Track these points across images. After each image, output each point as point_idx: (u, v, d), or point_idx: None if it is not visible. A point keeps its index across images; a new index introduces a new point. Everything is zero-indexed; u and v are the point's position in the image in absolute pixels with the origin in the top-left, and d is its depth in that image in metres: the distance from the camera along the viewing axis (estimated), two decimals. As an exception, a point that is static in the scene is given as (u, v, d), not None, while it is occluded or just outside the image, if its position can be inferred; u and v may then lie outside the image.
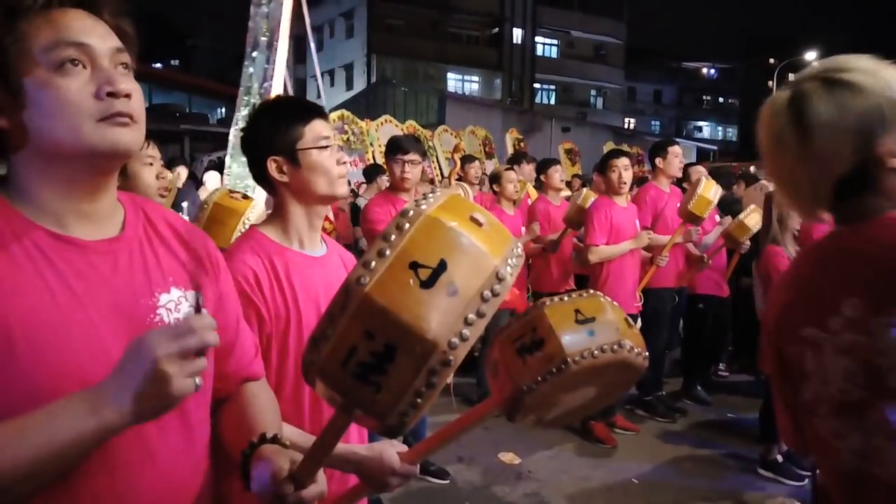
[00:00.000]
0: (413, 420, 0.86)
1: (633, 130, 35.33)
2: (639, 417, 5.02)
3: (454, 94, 28.99)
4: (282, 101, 1.80)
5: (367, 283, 0.81)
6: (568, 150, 16.12)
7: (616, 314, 1.17)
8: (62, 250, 0.99)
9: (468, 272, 0.82)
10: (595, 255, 4.37)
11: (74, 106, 0.96)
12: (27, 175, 1.00)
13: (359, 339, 0.82)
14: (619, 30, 40.49)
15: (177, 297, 1.08)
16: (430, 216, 0.85)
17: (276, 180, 1.64)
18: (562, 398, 1.18)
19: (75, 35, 0.97)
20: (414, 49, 34.04)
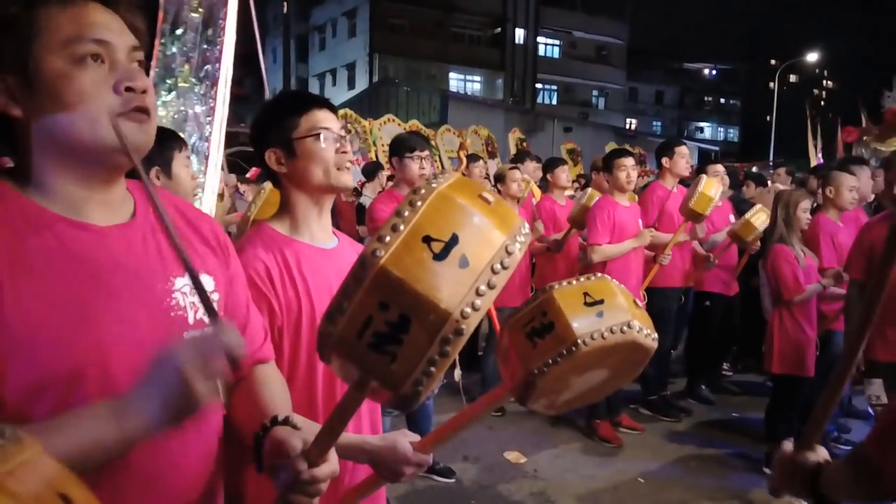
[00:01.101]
0: (427, 390, 0.88)
1: (635, 131, 35.34)
2: (644, 417, 5.02)
3: (456, 94, 29.01)
4: (284, 93, 1.81)
5: (383, 256, 0.83)
6: (570, 151, 16.14)
7: (624, 296, 1.18)
8: (77, 236, 0.99)
9: (479, 245, 0.85)
10: (598, 255, 4.37)
11: (93, 99, 0.97)
12: (40, 165, 1.00)
13: (374, 310, 0.84)
14: (621, 30, 40.49)
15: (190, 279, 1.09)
16: (442, 193, 0.88)
17: (277, 172, 1.65)
18: (573, 381, 1.19)
19: (96, 31, 0.99)
20: (416, 49, 34.05)
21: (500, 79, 36.69)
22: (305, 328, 1.57)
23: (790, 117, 27.35)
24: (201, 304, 1.07)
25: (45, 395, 0.91)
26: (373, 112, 14.89)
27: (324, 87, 36.99)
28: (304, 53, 38.21)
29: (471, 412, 1.33)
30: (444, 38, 35.12)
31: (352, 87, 34.07)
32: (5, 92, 0.97)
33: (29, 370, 0.91)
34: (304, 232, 1.66)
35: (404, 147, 3.69)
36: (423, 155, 3.62)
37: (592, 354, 1.11)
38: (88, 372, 0.94)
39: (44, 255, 0.96)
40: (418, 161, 3.60)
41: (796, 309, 3.94)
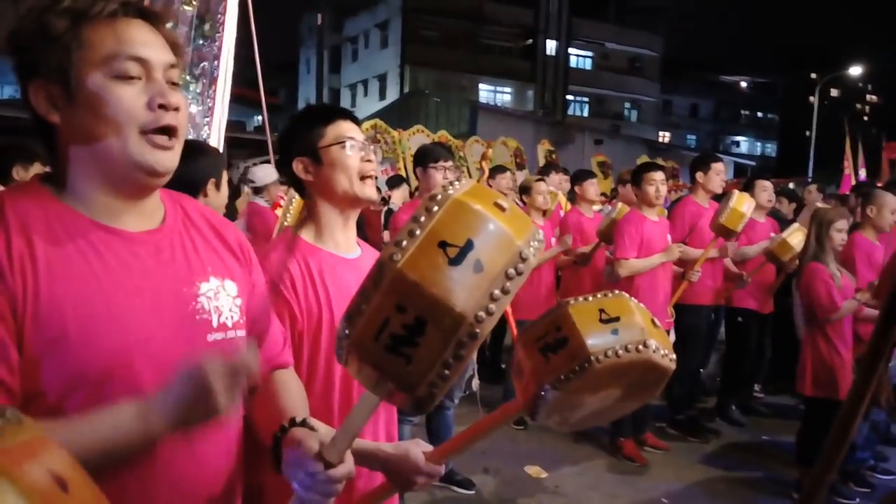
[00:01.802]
0: (441, 392, 0.90)
1: (669, 144, 35.01)
2: (670, 436, 4.90)
3: (486, 105, 29.06)
4: (310, 106, 1.87)
5: (400, 260, 0.86)
6: (601, 163, 16.01)
7: (642, 315, 1.15)
8: (108, 241, 1.04)
9: (493, 251, 0.87)
10: (625, 269, 4.30)
11: (126, 113, 1.01)
12: (75, 172, 1.05)
13: (391, 313, 0.86)
14: (655, 42, 40.21)
15: (215, 285, 1.15)
16: (458, 199, 0.89)
17: (303, 180, 1.69)
18: (586, 399, 1.17)
19: (137, 49, 1.03)
20: (447, 60, 34.23)
21: (531, 90, 36.67)
22: (325, 335, 1.60)
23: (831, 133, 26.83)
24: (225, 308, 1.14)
25: (77, 392, 0.97)
26: (403, 123, 14.95)
27: (355, 98, 37.37)
28: (336, 64, 38.68)
29: (484, 425, 1.31)
30: (475, 49, 35.26)
31: (383, 97, 34.36)
32: (48, 100, 1.01)
33: (62, 367, 0.96)
34: (328, 241, 1.70)
35: (429, 157, 3.71)
36: (447, 165, 3.66)
37: (606, 372, 1.08)
38: (116, 371, 0.99)
39: (77, 258, 1.00)
40: (442, 171, 3.63)
41: (831, 330, 3.83)
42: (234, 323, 1.16)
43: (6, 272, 0.94)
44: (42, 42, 0.99)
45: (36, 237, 0.98)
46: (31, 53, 1.00)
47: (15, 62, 1.02)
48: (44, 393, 0.96)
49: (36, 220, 0.99)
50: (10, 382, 0.94)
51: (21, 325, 0.94)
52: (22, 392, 0.95)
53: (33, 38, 1.00)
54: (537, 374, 1.12)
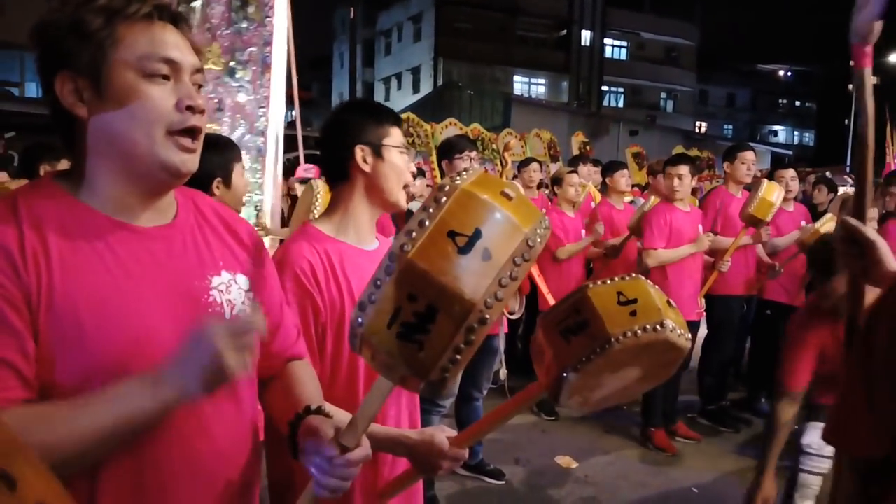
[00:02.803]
0: (453, 377, 0.93)
1: (705, 134, 34.44)
2: (701, 426, 4.88)
3: (520, 97, 28.91)
4: (370, 101, 1.87)
5: (410, 250, 0.88)
6: (635, 154, 15.81)
7: (658, 296, 1.18)
8: (122, 236, 1.06)
9: (501, 239, 0.90)
10: (653, 259, 4.30)
11: (156, 112, 1.04)
12: (95, 167, 1.06)
13: (402, 302, 0.89)
14: (690, 31, 39.49)
15: (227, 279, 1.16)
16: (465, 189, 0.92)
17: (359, 169, 1.69)
18: (606, 379, 1.21)
19: (169, 51, 1.06)
20: (481, 52, 34.08)
21: (565, 81, 36.34)
22: (348, 326, 1.62)
23: (871, 121, 25.97)
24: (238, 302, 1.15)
25: (93, 383, 0.98)
26: (436, 116, 14.98)
27: (389, 91, 37.48)
28: (370, 58, 38.80)
29: (506, 409, 1.35)
30: (509, 41, 35.03)
31: (416, 91, 34.38)
32: (74, 92, 1.02)
33: (77, 360, 0.99)
34: (350, 233, 1.71)
35: (454, 149, 3.76)
36: (472, 155, 3.70)
37: (625, 352, 1.13)
38: (130, 363, 1.01)
39: (91, 254, 1.02)
40: (468, 161, 3.67)
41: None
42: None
43: (20, 267, 0.96)
44: (76, 36, 1.01)
45: (49, 233, 1.00)
46: (63, 46, 1.01)
47: (42, 52, 1.03)
48: (60, 384, 0.98)
49: (49, 217, 1.01)
50: (27, 372, 0.96)
51: (36, 318, 0.96)
52: (38, 383, 0.97)
53: (67, 31, 1.01)
54: (559, 357, 1.16)
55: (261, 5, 4.05)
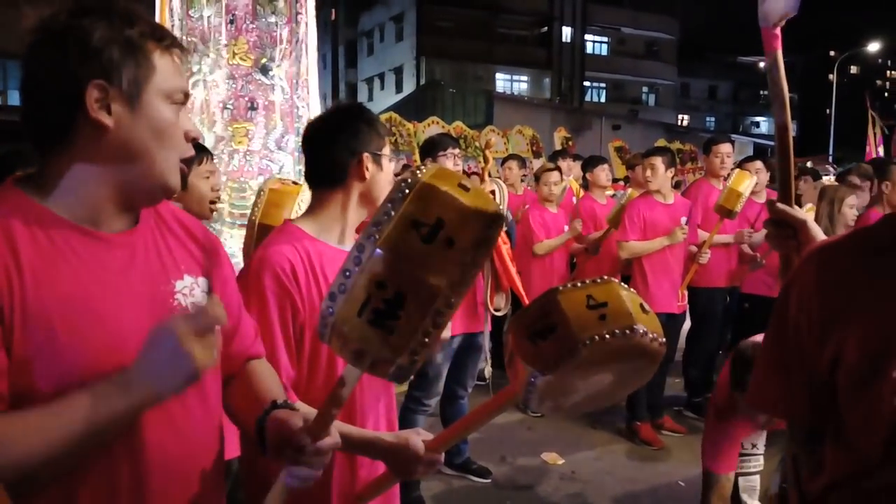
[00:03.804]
0: (421, 360, 0.98)
1: (688, 127, 34.67)
2: (687, 419, 4.89)
3: (502, 95, 28.95)
4: (366, 108, 1.87)
5: (378, 240, 0.94)
6: (618, 149, 15.89)
7: (630, 300, 1.15)
8: (88, 243, 1.07)
9: (462, 227, 0.96)
10: (625, 251, 4.33)
11: (176, 139, 1.12)
12: (82, 175, 1.07)
13: (372, 289, 0.94)
14: (671, 25, 39.70)
15: (189, 283, 1.18)
16: (426, 182, 0.98)
17: (359, 176, 1.71)
18: (577, 384, 1.19)
19: (185, 84, 1.14)
20: (463, 50, 34.11)
21: (548, 78, 36.44)
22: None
23: (851, 110, 26.28)
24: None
25: (70, 389, 0.99)
26: (419, 115, 14.98)
27: (372, 91, 37.43)
28: (352, 58, 38.74)
29: (481, 412, 1.34)
30: (491, 38, 35.08)
31: (399, 90, 34.36)
32: (100, 101, 1.04)
33: (53, 368, 0.99)
34: (333, 235, 1.71)
35: (437, 147, 3.75)
36: (455, 153, 3.71)
37: (595, 357, 1.10)
38: (105, 370, 1.01)
39: (60, 262, 1.03)
40: (452, 158, 3.68)
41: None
42: None
43: None
44: (123, 53, 1.05)
45: (19, 242, 1.00)
46: (105, 58, 1.04)
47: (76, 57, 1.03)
48: (38, 392, 0.98)
49: (18, 226, 1.01)
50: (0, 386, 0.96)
51: (10, 329, 0.97)
52: (15, 392, 0.98)
53: (114, 46, 1.04)
54: (527, 361, 1.13)
55: (290, 3, 3.87)
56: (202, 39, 3.58)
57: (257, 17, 3.73)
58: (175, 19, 3.54)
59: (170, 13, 3.54)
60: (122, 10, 1.07)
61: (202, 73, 3.58)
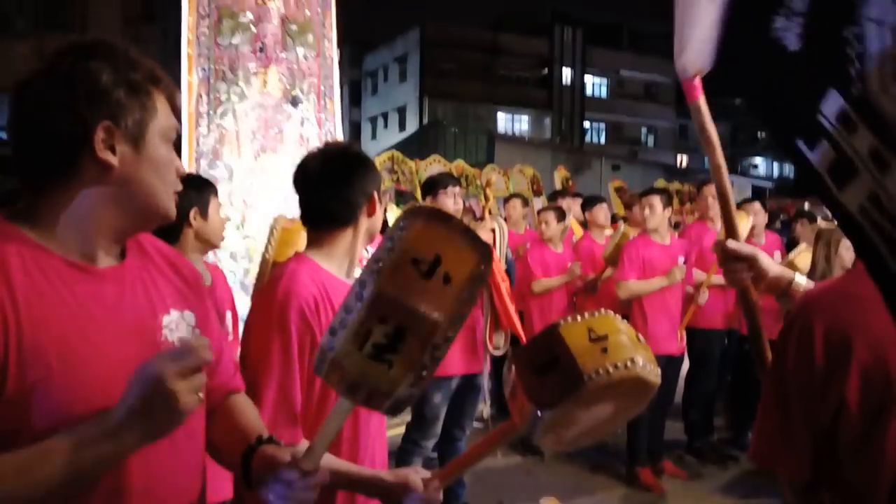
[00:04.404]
0: (419, 392, 1.01)
1: (687, 168, 34.88)
2: (687, 464, 4.83)
3: (503, 135, 29.30)
4: (360, 148, 1.93)
5: (380, 277, 0.97)
6: (618, 189, 15.96)
7: (628, 332, 1.20)
8: (80, 278, 1.07)
9: (458, 264, 1.00)
10: (623, 291, 4.33)
11: (171, 175, 1.16)
12: (76, 211, 1.08)
13: (374, 324, 0.97)
14: (669, 69, 39.72)
15: (176, 317, 1.19)
16: (423, 222, 1.02)
17: (371, 213, 1.78)
18: (579, 416, 1.22)
19: (177, 123, 1.17)
20: (465, 91, 34.58)
21: (548, 118, 36.86)
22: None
23: (849, 152, 26.39)
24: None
25: (64, 426, 0.99)
26: (421, 153, 15.08)
27: (376, 130, 37.84)
28: (357, 98, 39.23)
29: (480, 448, 1.35)
30: (492, 80, 35.59)
31: (402, 129, 34.73)
32: (105, 141, 1.06)
33: (48, 405, 0.99)
34: (341, 269, 1.75)
35: (438, 185, 3.81)
36: (455, 191, 3.78)
37: (598, 389, 1.14)
38: (96, 403, 1.01)
39: (54, 298, 1.03)
40: (452, 196, 3.74)
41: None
42: None
43: None
44: (129, 96, 1.08)
45: (15, 279, 1.00)
46: (113, 99, 1.07)
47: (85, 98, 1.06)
48: (32, 429, 0.98)
49: (14, 261, 1.02)
50: None
51: (6, 367, 0.97)
52: (9, 429, 0.98)
53: (122, 89, 1.08)
54: (532, 395, 1.16)
55: (318, 36, 3.85)
56: (230, 68, 3.54)
57: (286, 48, 3.67)
58: (202, 47, 3.51)
59: (197, 41, 3.50)
60: (123, 53, 1.10)
61: (231, 101, 3.52)
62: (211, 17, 3.52)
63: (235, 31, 3.55)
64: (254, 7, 3.57)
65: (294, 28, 3.69)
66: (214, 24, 3.52)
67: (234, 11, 3.54)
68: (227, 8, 3.54)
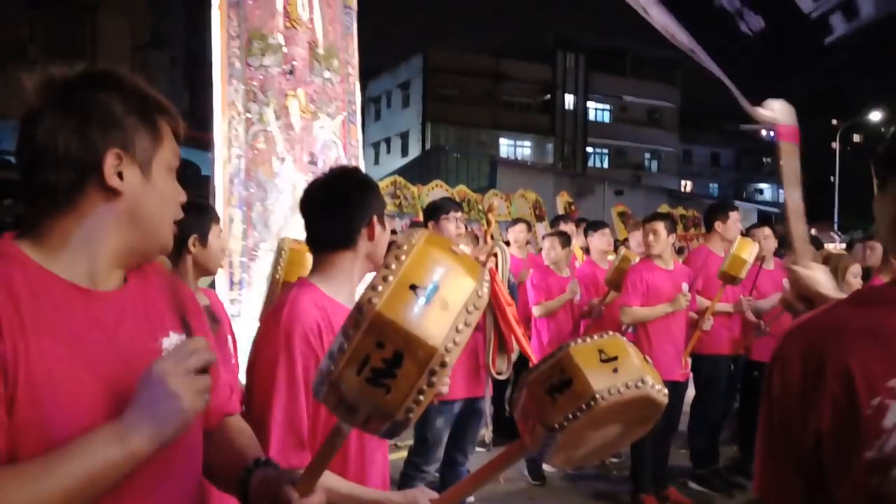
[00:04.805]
0: (416, 417, 1.02)
1: (691, 193, 35.00)
2: (693, 491, 4.76)
3: (505, 160, 29.45)
4: (363, 172, 1.96)
5: (378, 303, 0.97)
6: (621, 214, 16.01)
7: (636, 353, 1.24)
8: (84, 301, 1.08)
9: (455, 290, 1.01)
10: (627, 317, 4.33)
11: (175, 204, 1.20)
12: (82, 236, 1.10)
13: (371, 349, 0.98)
14: (672, 94, 40.60)
15: (175, 340, 1.20)
16: (421, 248, 1.03)
17: (371, 237, 1.78)
18: (589, 436, 1.25)
19: (179, 153, 1.20)
20: (467, 117, 34.90)
21: (551, 143, 37.10)
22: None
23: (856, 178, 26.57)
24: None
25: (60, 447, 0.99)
26: (423, 178, 15.19)
27: (379, 155, 38.10)
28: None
29: (488, 469, 1.36)
30: (495, 105, 35.93)
31: (405, 154, 34.97)
32: (114, 167, 1.09)
33: (54, 426, 1.00)
34: (342, 294, 1.76)
35: (440, 210, 3.83)
36: (457, 216, 3.81)
37: (609, 409, 1.17)
38: (95, 426, 1.01)
39: (59, 321, 1.04)
40: (454, 221, 3.76)
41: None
42: None
43: None
44: (138, 124, 1.11)
45: (21, 300, 1.02)
46: (123, 126, 1.10)
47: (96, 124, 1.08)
48: (38, 450, 0.98)
49: (20, 284, 1.03)
50: None
51: (13, 389, 0.97)
52: (14, 452, 0.97)
53: (132, 118, 1.11)
54: (545, 415, 1.19)
55: (343, 61, 3.86)
56: (262, 89, 3.55)
57: (314, 71, 3.69)
58: (234, 68, 3.52)
59: (228, 60, 3.53)
60: (132, 83, 1.13)
61: (264, 122, 3.54)
62: (241, 38, 3.55)
63: (266, 52, 3.58)
64: (283, 30, 3.60)
65: (321, 52, 3.74)
66: (245, 44, 3.54)
67: (263, 33, 3.58)
68: (257, 30, 3.57)
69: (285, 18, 3.60)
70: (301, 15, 3.66)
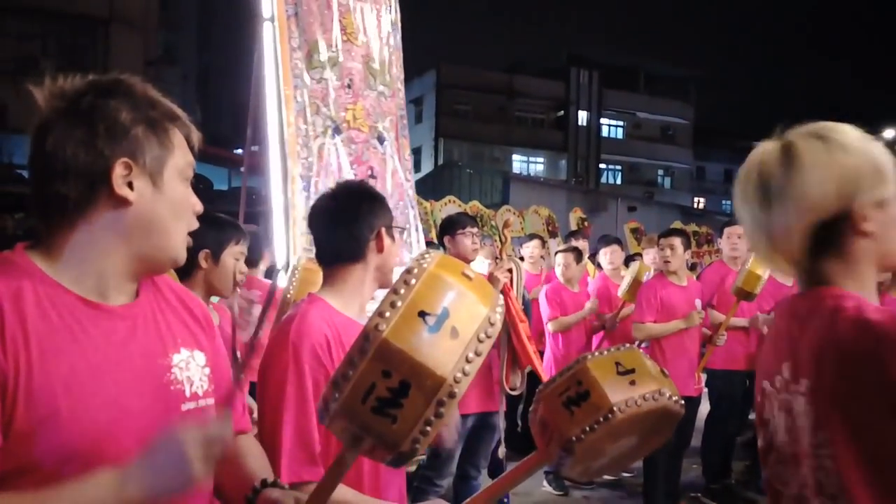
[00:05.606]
0: (423, 447, 0.97)
1: (704, 210, 34.79)
2: (705, 506, 4.75)
3: (518, 175, 29.42)
4: (369, 185, 1.95)
5: (385, 330, 0.94)
6: (634, 230, 15.98)
7: (653, 365, 1.25)
8: (93, 316, 1.08)
9: (466, 318, 0.97)
10: (640, 332, 4.34)
11: (188, 214, 1.17)
12: (92, 247, 1.09)
13: (377, 378, 0.94)
14: (685, 110, 40.51)
15: (186, 356, 1.19)
16: (432, 272, 0.99)
17: (380, 250, 1.78)
18: (607, 447, 1.24)
19: (193, 162, 1.18)
20: (480, 133, 34.92)
21: (564, 160, 37.08)
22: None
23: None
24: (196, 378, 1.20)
25: (71, 464, 0.99)
26: (436, 194, 15.23)
27: (391, 170, 38.16)
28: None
29: (505, 481, 1.37)
30: (508, 122, 35.96)
31: (418, 170, 34.95)
32: (126, 177, 1.08)
33: (55, 442, 0.99)
34: (353, 309, 1.76)
35: (456, 225, 3.84)
36: (473, 231, 3.81)
37: (627, 421, 1.17)
38: (105, 444, 1.03)
39: (66, 335, 1.04)
40: (470, 236, 3.77)
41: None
42: (204, 392, 1.21)
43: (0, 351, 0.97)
44: (148, 133, 1.10)
45: (27, 312, 1.01)
46: (131, 136, 1.08)
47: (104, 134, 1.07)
48: (39, 465, 0.98)
49: (27, 296, 1.02)
50: None
51: (13, 403, 0.97)
52: (15, 467, 0.98)
53: (141, 127, 1.09)
54: (563, 428, 1.20)
55: (393, 76, 3.96)
56: (323, 101, 3.56)
57: (369, 85, 3.75)
58: (298, 80, 3.53)
59: (292, 71, 3.51)
60: (142, 91, 1.12)
61: (327, 135, 3.56)
62: (301, 50, 3.55)
63: (326, 65, 3.60)
64: (340, 43, 3.64)
65: (376, 67, 3.80)
66: (306, 56, 3.54)
67: (321, 46, 3.59)
68: (316, 42, 3.57)
69: (342, 31, 3.63)
70: (357, 29, 3.70)
